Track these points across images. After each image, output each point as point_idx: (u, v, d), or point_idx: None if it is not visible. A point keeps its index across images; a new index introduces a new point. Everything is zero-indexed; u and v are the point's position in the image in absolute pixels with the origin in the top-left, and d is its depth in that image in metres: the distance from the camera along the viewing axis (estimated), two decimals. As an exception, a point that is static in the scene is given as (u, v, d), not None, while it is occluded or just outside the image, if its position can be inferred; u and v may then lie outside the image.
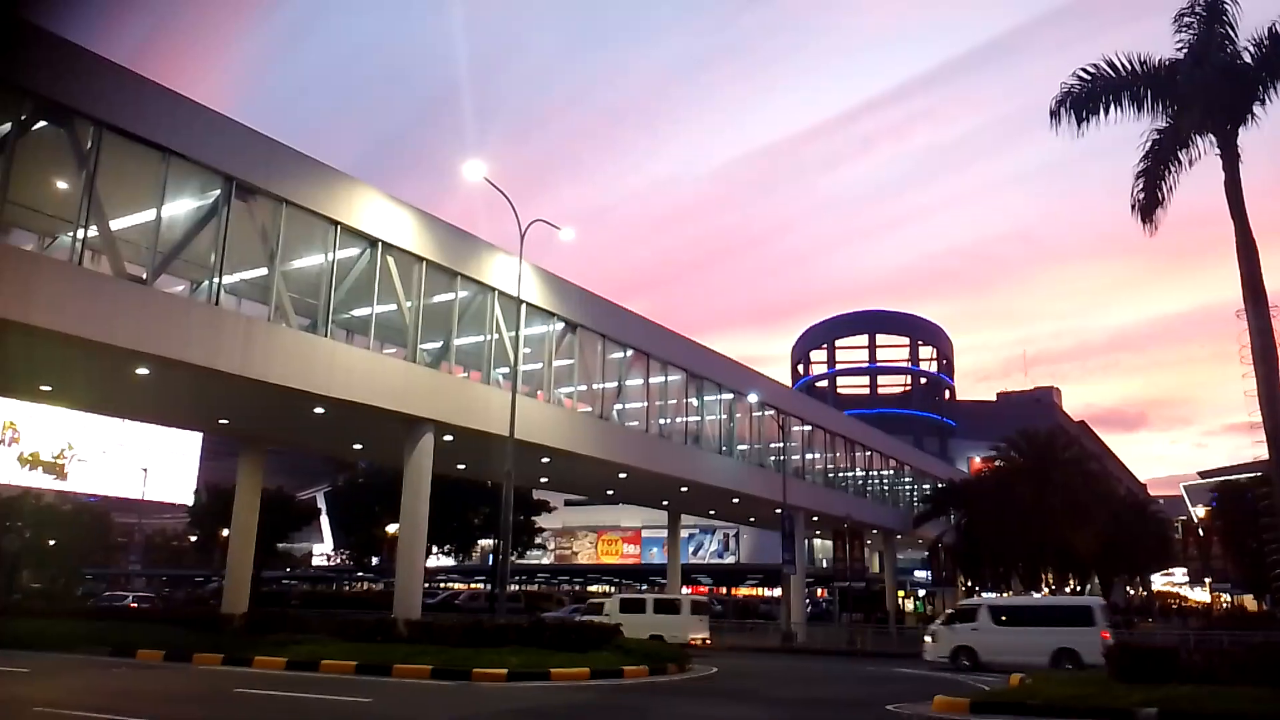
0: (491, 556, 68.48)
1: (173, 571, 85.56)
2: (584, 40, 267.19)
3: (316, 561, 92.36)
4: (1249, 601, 68.08)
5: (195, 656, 22.19)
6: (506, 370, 28.11)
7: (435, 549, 58.59)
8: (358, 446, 35.27)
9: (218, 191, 20.91)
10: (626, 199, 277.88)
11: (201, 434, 61.38)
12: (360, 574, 75.51)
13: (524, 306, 28.30)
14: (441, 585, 69.69)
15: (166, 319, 19.65)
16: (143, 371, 20.93)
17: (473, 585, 71.38)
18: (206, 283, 21.30)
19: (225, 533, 38.53)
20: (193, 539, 71.59)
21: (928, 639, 28.82)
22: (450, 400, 26.36)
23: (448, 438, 27.14)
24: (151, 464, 62.34)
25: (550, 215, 26.46)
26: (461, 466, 35.06)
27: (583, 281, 32.80)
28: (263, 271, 22.94)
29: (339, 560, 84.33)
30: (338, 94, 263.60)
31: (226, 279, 21.59)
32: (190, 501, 64.01)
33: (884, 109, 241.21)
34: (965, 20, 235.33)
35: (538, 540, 68.37)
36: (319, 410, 24.54)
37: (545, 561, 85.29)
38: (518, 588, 67.86)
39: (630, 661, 21.84)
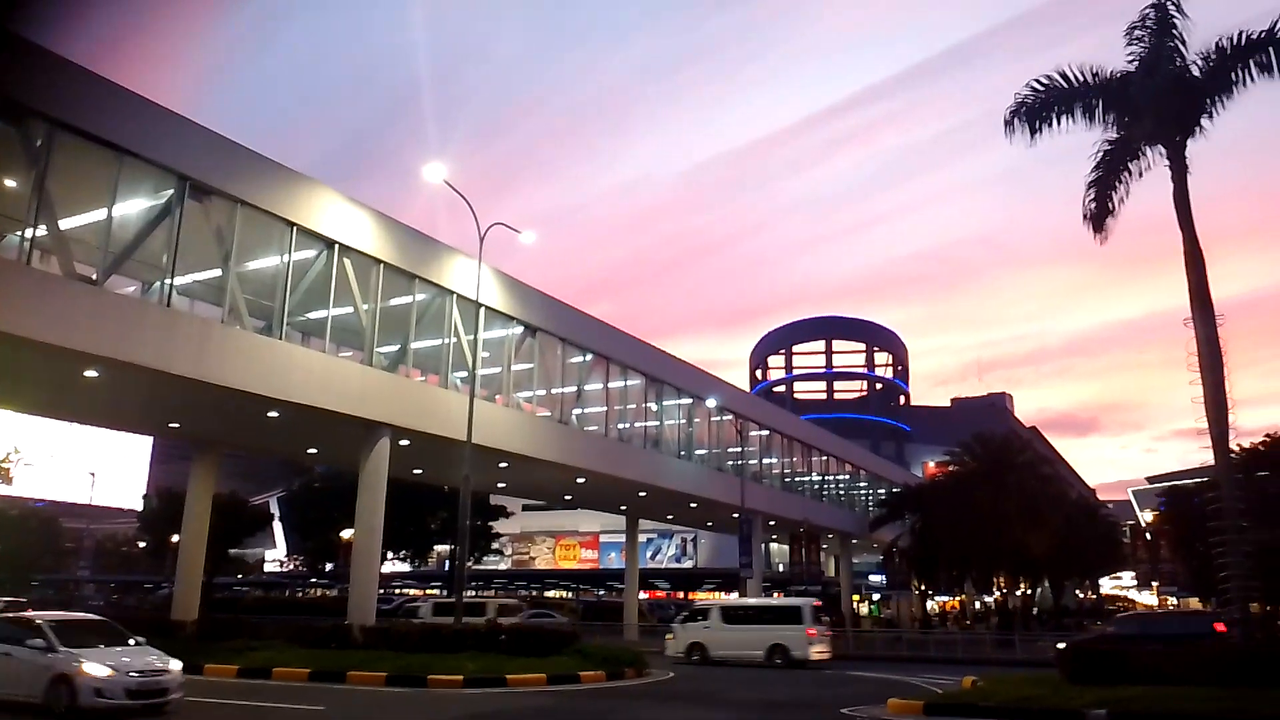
0: (448, 562, 68.05)
1: (123, 577, 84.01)
2: (550, 41, 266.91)
3: (269, 567, 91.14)
4: (1195, 604, 69.41)
5: (145, 664, 21.76)
6: (465, 374, 27.96)
7: (391, 554, 58.23)
8: (313, 451, 34.90)
9: (171, 191, 20.60)
10: (591, 201, 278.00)
11: (152, 438, 60.37)
12: (314, 580, 74.65)
13: (483, 310, 28.23)
14: (397, 591, 69.03)
15: (118, 320, 19.30)
16: (92, 374, 20.53)
17: (429, 591, 70.82)
18: (159, 284, 20.97)
19: (176, 538, 37.88)
20: (143, 544, 70.36)
21: (669, 637, 30.41)
22: (407, 404, 26.16)
23: (405, 442, 26.94)
24: (100, 468, 61.25)
25: (514, 217, 26.42)
26: (418, 471, 34.78)
27: (545, 285, 32.82)
28: (217, 273, 22.64)
29: (293, 566, 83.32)
30: (299, 95, 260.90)
31: (180, 280, 21.30)
32: (140, 506, 62.90)
33: (850, 113, 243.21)
34: (929, 26, 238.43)
35: (495, 545, 68.01)
36: (273, 414, 24.24)
37: (503, 567, 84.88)
38: (475, 593, 67.47)
39: (588, 666, 21.80)
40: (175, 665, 14.64)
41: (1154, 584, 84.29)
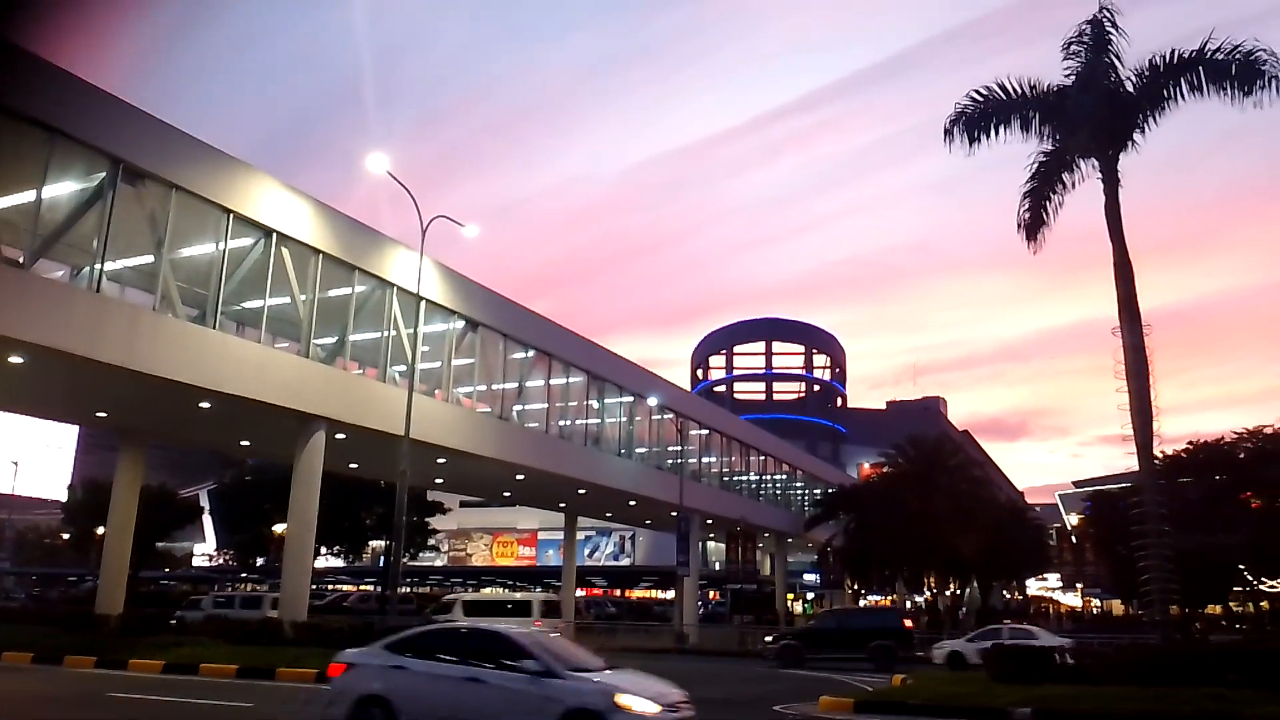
0: (383, 558, 67.25)
1: (46, 570, 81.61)
2: (492, 36, 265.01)
3: (198, 561, 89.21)
4: (1117, 606, 71.36)
5: (67, 659, 21.24)
6: (404, 368, 27.67)
7: (325, 549, 57.31)
8: (245, 443, 34.19)
9: (103, 174, 20.06)
10: (534, 197, 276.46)
11: (78, 427, 58.78)
12: (244, 575, 73.28)
13: (423, 303, 27.93)
14: (330, 586, 68.08)
15: (45, 305, 18.74)
16: (17, 360, 19.92)
17: (362, 587, 69.92)
18: (89, 269, 20.41)
19: (101, 530, 36.93)
20: (67, 536, 68.45)
21: None
22: (344, 397, 25.81)
23: (341, 436, 26.58)
24: (23, 457, 59.42)
25: (455, 211, 26.29)
26: (354, 465, 34.37)
27: (487, 280, 32.59)
28: (150, 259, 22.10)
29: (222, 560, 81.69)
30: (238, 80, 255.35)
31: (110, 266, 20.74)
32: (65, 497, 61.18)
33: (791, 117, 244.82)
34: (870, 35, 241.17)
35: (431, 542, 67.35)
36: (205, 404, 23.73)
37: (439, 563, 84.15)
38: (410, 590, 66.83)
39: (523, 663, 21.71)
40: (681, 693, 11.51)
41: (1078, 586, 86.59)
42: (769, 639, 31.22)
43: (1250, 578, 44.79)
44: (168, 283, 21.44)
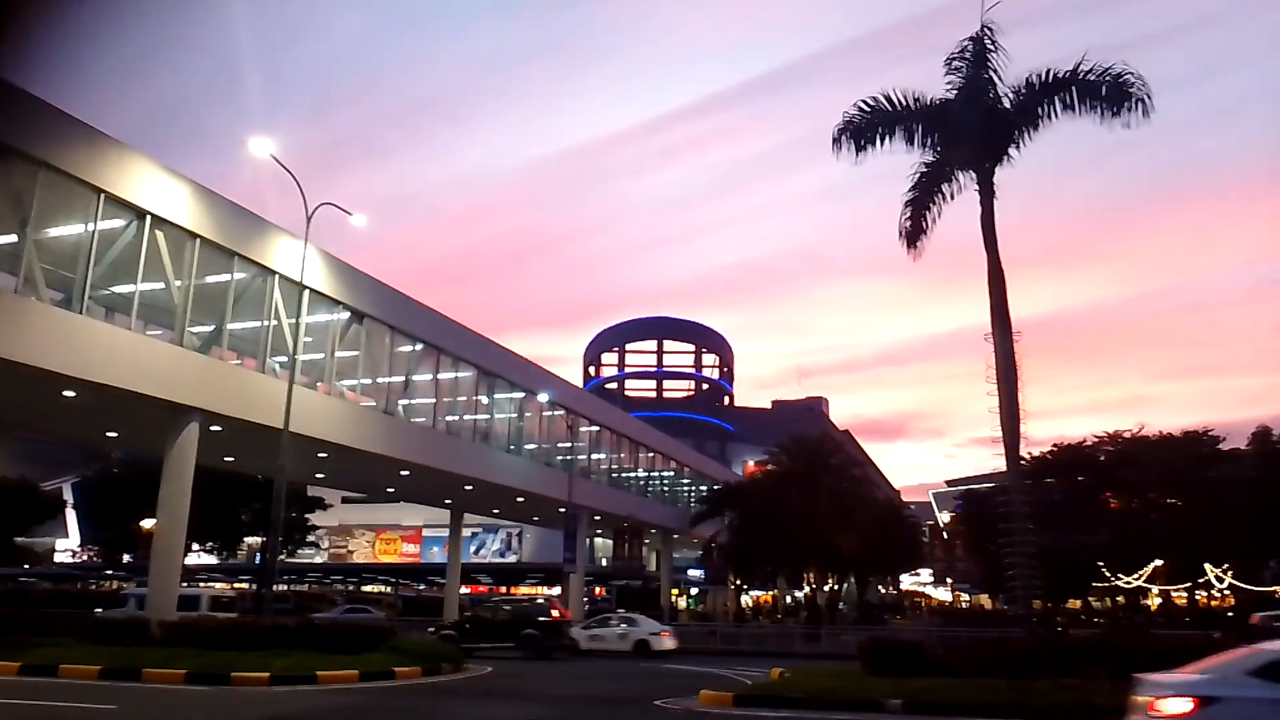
0: (259, 555, 65.31)
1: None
2: (388, 25, 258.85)
3: (61, 558, 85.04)
4: (986, 601, 74.34)
5: (-90, 662, 19.96)
6: (285, 359, 26.91)
7: (197, 546, 55.41)
8: (113, 434, 32.72)
9: (-39, 148, 18.94)
10: (426, 191, 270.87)
11: (-72, 415, 55.27)
12: (110, 572, 70.17)
13: (307, 292, 27.23)
14: (202, 584, 65.78)
15: (-109, 285, 17.59)
16: None
17: (236, 585, 67.76)
18: (-58, 248, 19.25)
19: (-47, 525, 34.91)
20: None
21: None
22: (221, 388, 24.94)
23: (216, 428, 25.70)
24: None
25: (347, 202, 25.63)
26: (230, 459, 33.22)
27: (379, 272, 31.97)
28: (13, 239, 20.96)
29: (87, 557, 78.20)
30: (118, 62, 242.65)
31: (-33, 245, 19.59)
32: (-88, 490, 57.47)
33: (686, 122, 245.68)
34: (764, 44, 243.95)
35: (311, 538, 65.76)
36: (70, 393, 22.61)
37: (318, 560, 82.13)
38: (287, 587, 65.11)
39: (404, 662, 21.41)
40: None
41: (949, 581, 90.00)
42: (431, 630, 32.25)
43: (1108, 574, 47.27)
44: (32, 264, 20.36)
